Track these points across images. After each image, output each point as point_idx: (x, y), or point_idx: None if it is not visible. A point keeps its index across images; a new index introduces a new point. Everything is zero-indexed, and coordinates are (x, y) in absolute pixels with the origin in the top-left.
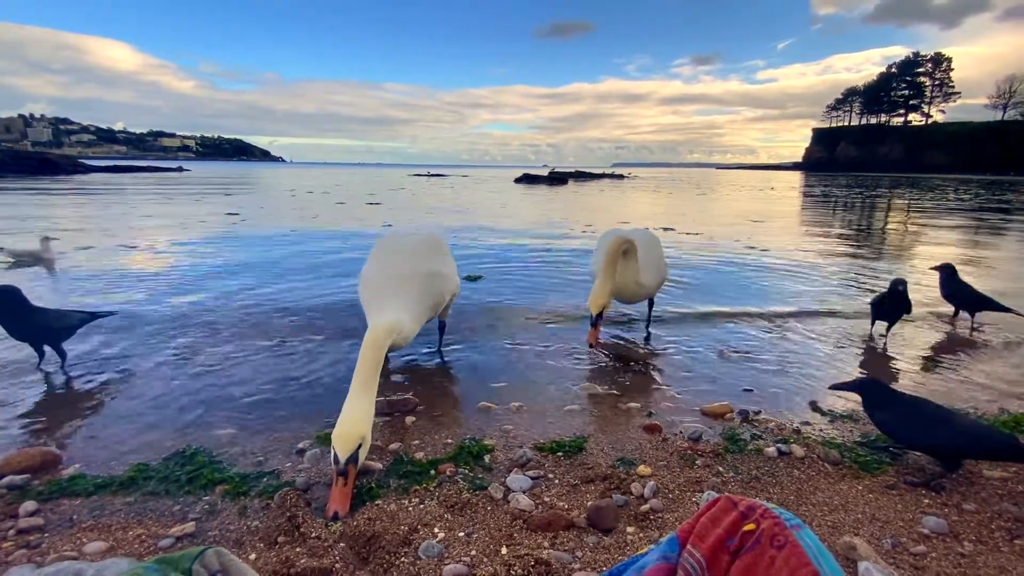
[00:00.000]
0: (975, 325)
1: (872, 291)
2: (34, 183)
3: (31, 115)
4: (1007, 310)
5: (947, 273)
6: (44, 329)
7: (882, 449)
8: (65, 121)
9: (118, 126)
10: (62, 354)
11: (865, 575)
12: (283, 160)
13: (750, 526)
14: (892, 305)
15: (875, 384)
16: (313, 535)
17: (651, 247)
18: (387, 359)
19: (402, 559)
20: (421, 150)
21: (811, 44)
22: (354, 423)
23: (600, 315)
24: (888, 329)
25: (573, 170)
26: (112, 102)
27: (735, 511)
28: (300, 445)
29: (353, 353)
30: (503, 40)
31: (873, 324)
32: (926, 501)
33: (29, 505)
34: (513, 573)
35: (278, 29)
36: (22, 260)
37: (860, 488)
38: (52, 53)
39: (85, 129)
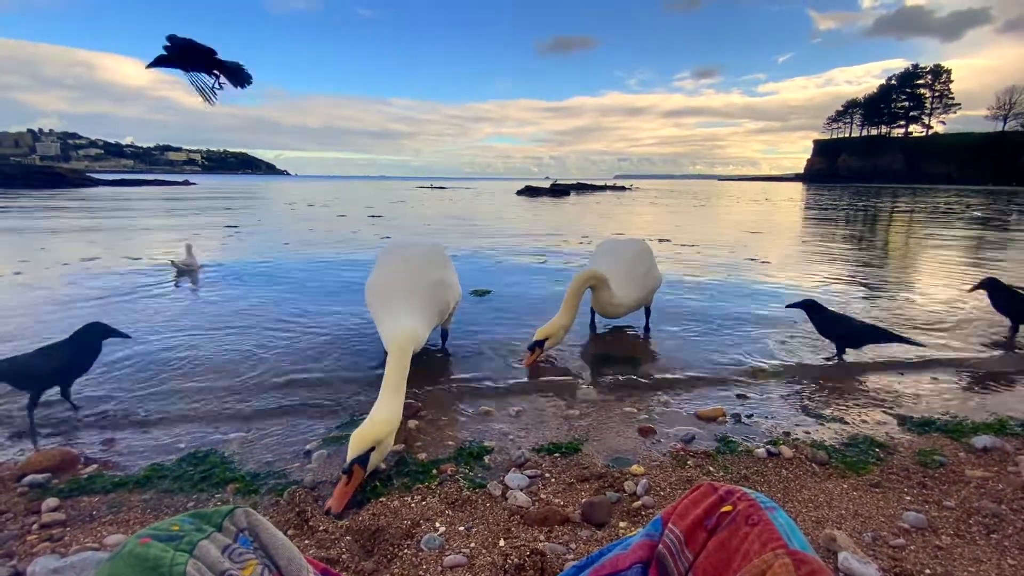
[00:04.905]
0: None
1: (870, 298)
2: (38, 198)
3: (40, 130)
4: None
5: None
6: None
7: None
8: (73, 135)
9: (127, 140)
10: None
11: (844, 564)
12: (288, 173)
13: (727, 508)
14: None
15: (813, 302)
16: (321, 528)
17: (639, 259)
18: None
19: (405, 551)
20: (425, 163)
21: (812, 57)
22: (373, 425)
23: (542, 343)
24: None
25: (575, 182)
26: (121, 117)
27: (715, 495)
28: (307, 447)
29: (359, 357)
30: (506, 55)
31: None
32: (908, 498)
33: (51, 501)
34: (510, 563)
35: (285, 45)
36: (183, 270)
37: (845, 486)
38: (64, 70)
39: (93, 143)
